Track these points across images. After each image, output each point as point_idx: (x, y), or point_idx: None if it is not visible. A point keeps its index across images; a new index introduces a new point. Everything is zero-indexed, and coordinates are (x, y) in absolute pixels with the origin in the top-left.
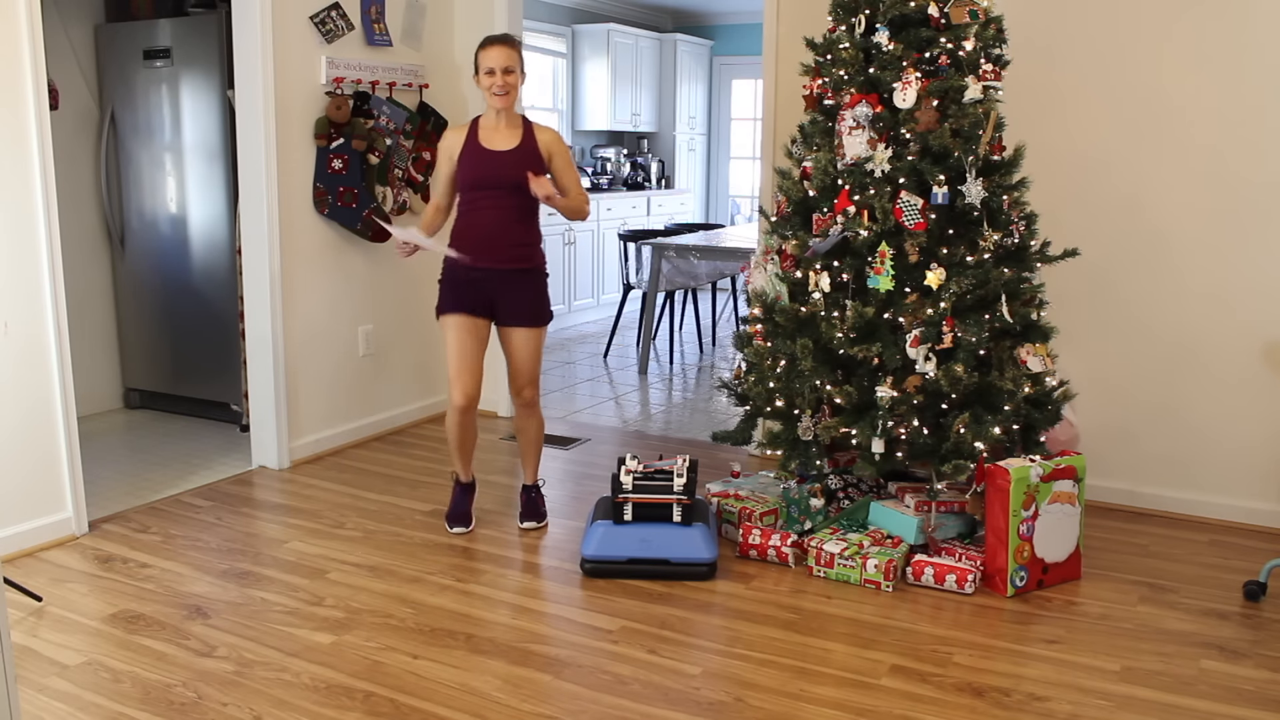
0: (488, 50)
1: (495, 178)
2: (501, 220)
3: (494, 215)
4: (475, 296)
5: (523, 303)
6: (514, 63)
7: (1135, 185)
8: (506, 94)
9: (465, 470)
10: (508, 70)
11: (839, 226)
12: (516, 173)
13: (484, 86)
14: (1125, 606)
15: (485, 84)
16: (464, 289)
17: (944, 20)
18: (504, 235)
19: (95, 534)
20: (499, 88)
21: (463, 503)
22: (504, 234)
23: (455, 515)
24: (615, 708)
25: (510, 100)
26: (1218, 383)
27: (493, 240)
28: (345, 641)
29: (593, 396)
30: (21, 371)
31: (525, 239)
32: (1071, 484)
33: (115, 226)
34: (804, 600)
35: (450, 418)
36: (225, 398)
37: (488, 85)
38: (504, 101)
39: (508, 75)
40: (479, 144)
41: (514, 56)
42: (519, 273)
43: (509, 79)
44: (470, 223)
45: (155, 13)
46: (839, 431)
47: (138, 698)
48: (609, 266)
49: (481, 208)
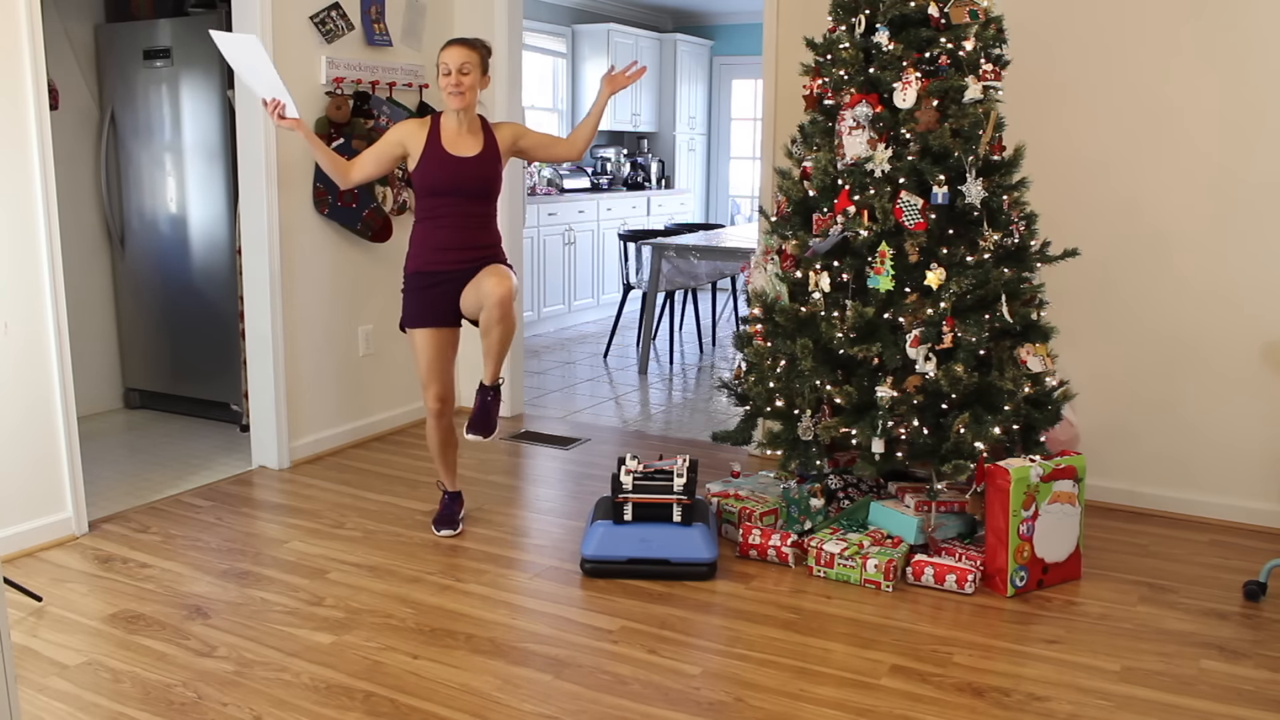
0: (447, 49)
1: (457, 184)
2: (463, 226)
3: (455, 221)
4: (440, 303)
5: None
6: (472, 63)
7: (1135, 185)
8: (461, 94)
9: (450, 479)
10: (463, 70)
11: (839, 226)
12: (480, 180)
13: (441, 86)
14: (1125, 606)
15: (442, 84)
16: (428, 295)
17: (944, 20)
18: (466, 239)
19: (95, 534)
20: (453, 87)
21: (450, 508)
22: (466, 238)
23: (442, 519)
24: (615, 708)
25: (466, 101)
26: (1217, 382)
27: (456, 244)
28: (345, 641)
29: (593, 396)
30: (21, 371)
31: (487, 241)
32: (1071, 484)
33: (115, 226)
34: (804, 600)
35: (429, 425)
36: (225, 398)
37: (444, 85)
38: (459, 102)
39: (463, 75)
40: (441, 147)
41: (472, 56)
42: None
43: (464, 79)
44: (432, 229)
45: (155, 13)
46: (839, 431)
47: (138, 698)
48: (609, 266)
49: (442, 214)
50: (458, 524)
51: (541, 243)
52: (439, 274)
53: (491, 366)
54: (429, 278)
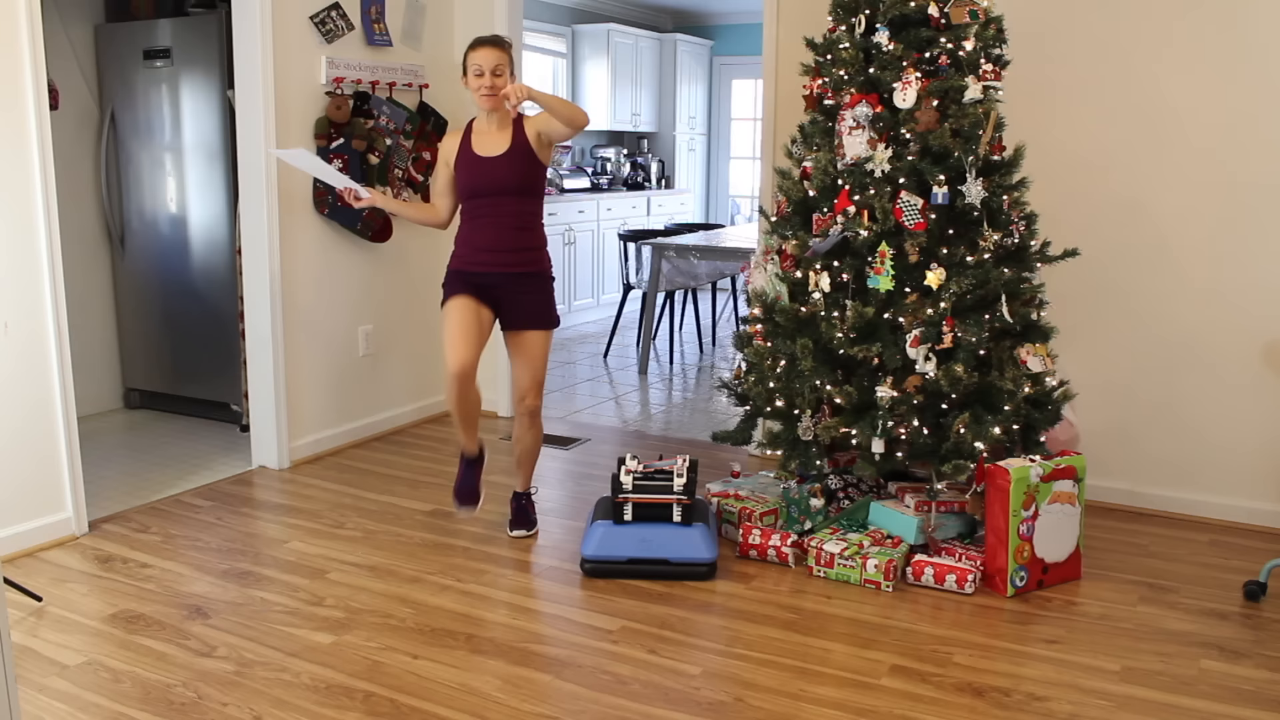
0: (477, 50)
1: (489, 184)
2: (503, 225)
3: (495, 221)
4: (481, 291)
5: (529, 306)
6: (504, 64)
7: (1135, 185)
8: (495, 95)
9: (471, 441)
10: (496, 72)
11: (839, 226)
12: (510, 178)
13: (472, 88)
14: (1125, 606)
15: (474, 85)
16: (471, 284)
17: (944, 20)
18: (507, 240)
19: (95, 534)
20: (487, 89)
21: (469, 478)
22: (507, 239)
23: (463, 491)
24: (615, 708)
25: (499, 102)
26: (1218, 382)
27: (496, 245)
28: (345, 641)
29: (593, 396)
30: (21, 371)
31: (529, 243)
32: (1071, 484)
33: (115, 226)
34: (804, 600)
35: (448, 386)
36: (225, 398)
37: (476, 87)
38: (492, 103)
39: (497, 77)
40: (471, 150)
41: (504, 58)
42: (524, 276)
43: (498, 81)
44: (473, 229)
45: (155, 13)
46: (839, 431)
47: (138, 698)
48: (609, 266)
49: (482, 214)
50: (479, 497)
51: None
52: (478, 275)
53: (524, 476)
54: (471, 277)
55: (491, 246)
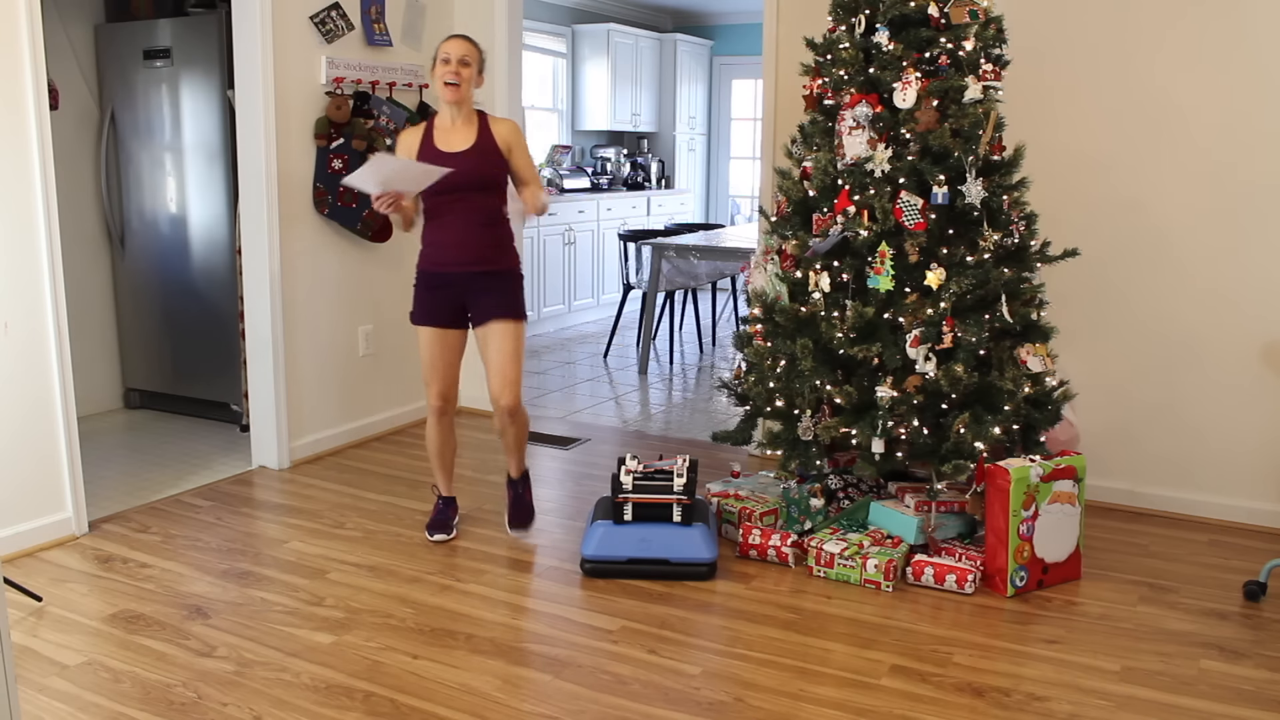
0: (449, 41)
1: (452, 180)
2: (469, 222)
3: (459, 218)
4: (447, 305)
5: (495, 298)
6: (471, 56)
7: (1135, 185)
8: (457, 85)
9: (446, 484)
10: (463, 61)
11: (839, 226)
12: (475, 173)
13: (437, 75)
14: (1125, 606)
15: (439, 73)
16: (436, 296)
17: (944, 20)
18: (472, 236)
19: (95, 534)
20: (450, 75)
21: (444, 514)
22: (472, 235)
23: (436, 524)
24: (615, 708)
25: (460, 95)
26: (1218, 383)
27: (461, 243)
28: (345, 641)
29: (593, 396)
30: (21, 371)
31: (494, 239)
32: (1071, 484)
33: (115, 226)
34: (804, 600)
35: (429, 423)
36: (225, 398)
37: (441, 74)
38: (454, 94)
39: (463, 66)
40: (434, 146)
41: (473, 52)
42: (490, 274)
43: (463, 70)
44: (439, 226)
45: (155, 13)
46: (839, 431)
47: (138, 698)
48: (609, 266)
49: (445, 211)
50: (452, 529)
51: (541, 243)
52: (444, 276)
53: (514, 461)
54: (436, 279)
55: (458, 243)
